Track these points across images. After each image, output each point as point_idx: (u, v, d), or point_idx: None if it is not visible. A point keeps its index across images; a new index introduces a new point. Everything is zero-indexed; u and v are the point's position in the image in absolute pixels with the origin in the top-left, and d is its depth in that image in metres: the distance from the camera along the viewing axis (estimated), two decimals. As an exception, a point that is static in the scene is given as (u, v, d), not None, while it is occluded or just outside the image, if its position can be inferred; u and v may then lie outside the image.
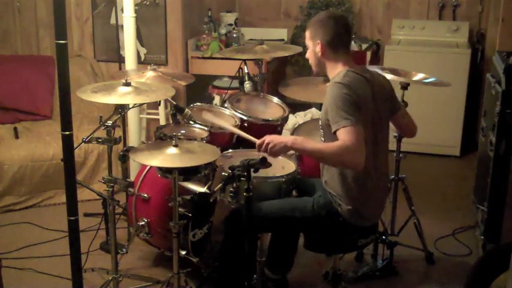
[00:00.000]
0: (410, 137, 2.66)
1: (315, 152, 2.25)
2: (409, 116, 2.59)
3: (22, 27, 4.78)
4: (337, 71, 2.33)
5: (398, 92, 3.04)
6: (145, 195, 2.92)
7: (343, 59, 2.35)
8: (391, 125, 2.52)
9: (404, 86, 3.08)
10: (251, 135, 2.47)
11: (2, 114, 4.32)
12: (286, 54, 3.50)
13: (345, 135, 2.13)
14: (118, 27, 3.93)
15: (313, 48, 2.39)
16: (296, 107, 4.26)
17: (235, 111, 3.12)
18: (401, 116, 2.55)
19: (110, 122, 2.53)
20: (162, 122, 4.28)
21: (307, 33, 2.42)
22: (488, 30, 4.93)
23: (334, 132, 2.16)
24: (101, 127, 2.54)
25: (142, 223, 2.90)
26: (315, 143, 2.31)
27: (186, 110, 2.84)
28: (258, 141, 2.35)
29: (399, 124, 2.59)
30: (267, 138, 2.31)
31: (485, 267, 2.48)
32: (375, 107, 2.32)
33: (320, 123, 2.36)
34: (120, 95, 2.49)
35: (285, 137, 2.37)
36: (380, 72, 2.64)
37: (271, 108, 3.29)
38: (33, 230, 3.56)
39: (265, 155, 2.25)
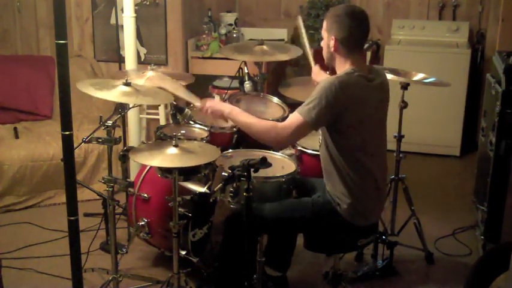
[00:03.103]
0: None
1: (246, 124, 2.41)
2: None
3: (22, 27, 4.78)
4: (344, 68, 2.33)
5: (398, 92, 3.06)
6: (145, 195, 2.92)
7: (354, 58, 2.34)
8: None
9: (404, 86, 3.08)
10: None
11: (2, 114, 4.32)
12: (286, 59, 3.45)
13: (290, 119, 2.29)
14: (118, 27, 3.93)
15: (327, 41, 2.37)
16: (296, 107, 4.25)
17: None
18: None
19: (110, 122, 2.53)
20: (162, 122, 4.28)
21: (324, 24, 2.39)
22: (488, 30, 4.93)
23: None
24: (101, 127, 2.54)
25: (142, 223, 2.90)
26: (250, 116, 2.43)
27: (186, 110, 2.84)
28: (199, 105, 2.57)
29: None
30: (208, 103, 2.54)
31: (485, 267, 2.48)
32: (375, 107, 2.33)
33: None
34: (121, 94, 2.48)
35: (225, 106, 2.54)
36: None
37: (271, 108, 3.29)
38: (33, 230, 3.56)
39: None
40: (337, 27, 2.32)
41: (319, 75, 2.84)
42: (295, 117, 2.28)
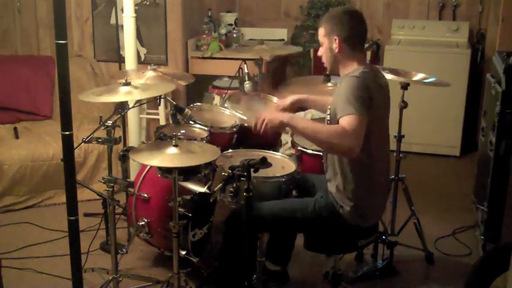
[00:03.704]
0: None
1: (311, 130, 2.19)
2: None
3: (22, 27, 4.78)
4: (352, 68, 2.32)
5: (398, 92, 3.06)
6: (145, 195, 2.92)
7: (359, 57, 2.34)
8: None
9: (404, 86, 3.08)
10: (252, 135, 2.48)
11: (2, 114, 4.32)
12: (286, 53, 3.44)
13: (346, 121, 2.11)
14: (118, 27, 3.93)
15: (329, 45, 2.36)
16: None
17: (235, 111, 3.12)
18: None
19: (110, 122, 2.53)
20: (162, 122, 4.28)
21: (322, 30, 2.38)
22: (488, 30, 4.93)
23: (339, 119, 2.15)
24: (101, 127, 2.54)
25: (142, 223, 2.90)
26: (313, 122, 2.29)
27: (186, 110, 2.84)
28: (257, 117, 2.35)
29: None
30: (264, 114, 2.32)
31: (485, 267, 2.48)
32: (383, 107, 2.33)
33: (328, 118, 2.35)
34: (120, 94, 2.49)
35: (282, 114, 2.36)
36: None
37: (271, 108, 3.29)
38: (33, 230, 3.56)
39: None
40: (339, 27, 2.32)
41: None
42: (349, 118, 2.11)
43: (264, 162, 2.13)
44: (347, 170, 2.31)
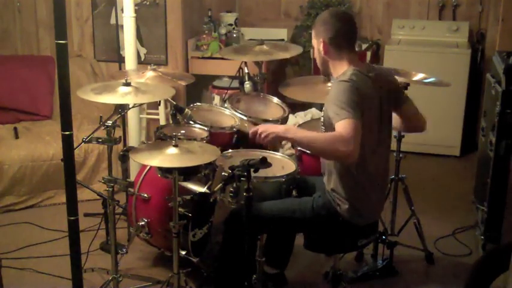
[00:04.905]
0: (418, 132, 2.63)
1: (307, 140, 2.21)
2: (417, 111, 2.57)
3: (22, 27, 4.78)
4: (342, 70, 2.32)
5: (398, 92, 3.05)
6: (145, 195, 2.92)
7: (348, 57, 2.33)
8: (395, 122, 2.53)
9: (404, 86, 3.07)
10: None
11: (2, 114, 4.32)
12: (287, 56, 3.46)
13: (341, 127, 2.11)
14: (118, 27, 3.93)
15: (317, 46, 2.38)
16: (296, 107, 4.27)
17: (235, 111, 3.12)
18: (408, 110, 2.53)
19: (110, 122, 2.53)
20: (162, 122, 4.28)
21: (312, 33, 2.40)
22: (488, 30, 4.93)
23: (334, 126, 2.15)
24: (101, 127, 2.54)
25: (142, 223, 2.90)
26: (309, 131, 2.28)
27: (186, 110, 2.84)
28: (251, 130, 2.35)
29: (405, 117, 2.57)
30: (261, 127, 2.33)
31: (485, 267, 2.49)
32: (379, 106, 2.33)
33: (322, 121, 2.36)
34: (120, 95, 2.49)
35: (278, 126, 2.38)
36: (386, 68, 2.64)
37: (271, 108, 3.29)
38: (33, 230, 3.56)
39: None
40: (324, 29, 2.33)
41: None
42: (345, 122, 2.11)
43: (264, 162, 2.12)
44: (341, 170, 2.31)
